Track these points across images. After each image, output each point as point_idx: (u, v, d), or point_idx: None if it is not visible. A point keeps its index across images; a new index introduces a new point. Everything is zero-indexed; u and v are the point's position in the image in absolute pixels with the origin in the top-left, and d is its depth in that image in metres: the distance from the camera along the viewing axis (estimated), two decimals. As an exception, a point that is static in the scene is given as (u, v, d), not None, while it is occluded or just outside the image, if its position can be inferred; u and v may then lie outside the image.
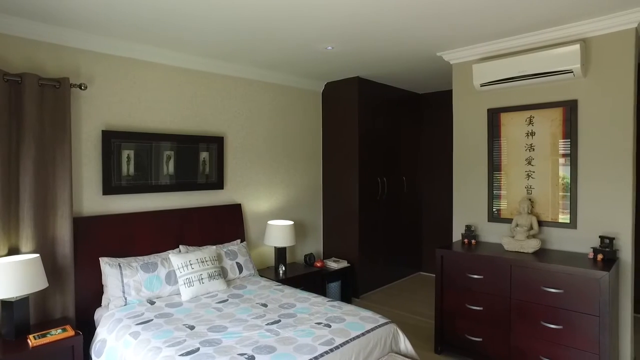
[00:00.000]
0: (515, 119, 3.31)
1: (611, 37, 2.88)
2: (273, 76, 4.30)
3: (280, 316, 2.60)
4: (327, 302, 2.88)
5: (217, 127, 3.89)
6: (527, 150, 3.27)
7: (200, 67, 3.71)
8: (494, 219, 3.45)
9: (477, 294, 3.05)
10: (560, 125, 3.11)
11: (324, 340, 2.23)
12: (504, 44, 3.28)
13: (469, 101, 3.59)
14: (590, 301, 2.58)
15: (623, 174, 2.87)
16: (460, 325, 3.15)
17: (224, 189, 3.91)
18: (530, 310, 2.81)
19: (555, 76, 2.99)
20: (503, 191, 3.41)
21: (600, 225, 2.96)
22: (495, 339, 2.97)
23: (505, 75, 3.16)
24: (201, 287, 3.03)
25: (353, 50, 3.53)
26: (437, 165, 5.48)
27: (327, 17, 2.78)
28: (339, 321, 2.50)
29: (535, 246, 3.01)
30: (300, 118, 4.68)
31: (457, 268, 3.16)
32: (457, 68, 3.64)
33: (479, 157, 3.54)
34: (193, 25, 2.88)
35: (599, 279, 2.54)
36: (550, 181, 3.16)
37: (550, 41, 3.09)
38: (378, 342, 2.37)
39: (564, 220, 3.11)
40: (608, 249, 2.81)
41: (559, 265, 2.70)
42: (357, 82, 4.51)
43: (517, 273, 2.86)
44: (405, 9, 2.65)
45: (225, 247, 3.55)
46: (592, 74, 2.97)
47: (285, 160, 4.52)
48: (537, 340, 2.78)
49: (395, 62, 3.92)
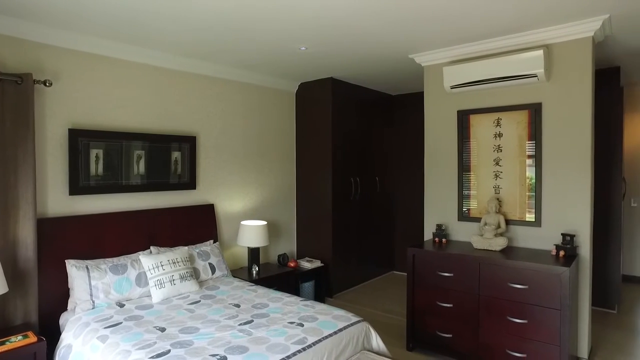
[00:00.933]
0: (484, 120, 3.41)
1: (571, 44, 3.02)
2: (247, 76, 4.28)
3: (253, 316, 2.60)
4: (300, 301, 2.88)
5: (190, 127, 3.84)
6: (495, 151, 3.37)
7: (173, 65, 3.65)
8: (463, 218, 3.54)
9: (448, 292, 3.13)
10: (526, 127, 3.23)
11: (297, 340, 2.24)
12: (473, 47, 3.38)
13: (440, 103, 3.67)
14: (553, 296, 2.69)
15: (582, 175, 3.01)
16: (431, 322, 3.22)
17: (196, 189, 3.86)
18: (497, 306, 2.90)
19: (520, 80, 3.10)
20: (472, 191, 3.50)
21: (562, 223, 3.09)
22: (465, 334, 3.05)
23: (474, 78, 3.25)
24: (173, 289, 2.98)
25: (327, 51, 3.56)
26: (409, 166, 5.58)
27: (300, 19, 2.79)
28: (312, 320, 2.52)
29: (503, 244, 3.11)
30: (274, 118, 4.68)
31: (428, 266, 3.23)
32: (428, 70, 3.72)
33: (450, 158, 3.63)
34: (164, 24, 2.83)
35: (560, 274, 2.65)
36: (517, 181, 3.28)
37: (517, 46, 3.20)
38: (350, 340, 2.40)
39: (529, 219, 3.23)
40: (569, 245, 2.93)
41: (524, 262, 2.80)
42: (330, 83, 4.54)
43: (485, 270, 2.95)
44: (377, 12, 2.69)
45: (197, 248, 3.51)
46: (554, 78, 3.10)
47: (259, 160, 4.50)
48: (504, 335, 2.87)
49: (368, 63, 3.98)
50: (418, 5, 2.59)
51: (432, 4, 2.58)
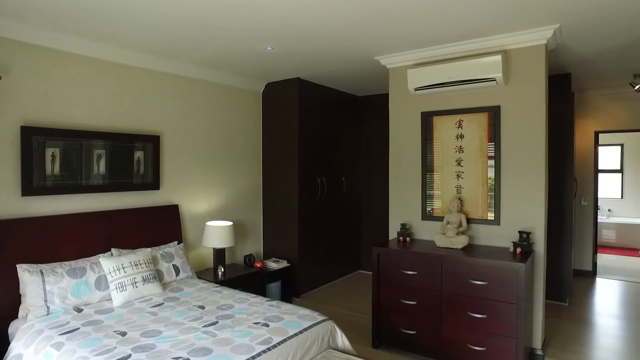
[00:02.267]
0: (447, 122, 3.52)
1: (526, 51, 3.16)
2: (213, 75, 4.22)
3: (217, 317, 2.56)
4: (266, 301, 2.88)
5: (153, 126, 3.74)
6: (457, 152, 3.48)
7: (135, 62, 3.55)
8: (427, 217, 3.63)
9: (411, 289, 3.20)
10: (485, 129, 3.35)
11: (262, 340, 2.23)
12: (436, 51, 3.47)
13: (404, 104, 3.75)
14: (510, 291, 2.80)
15: (537, 175, 3.16)
16: (395, 319, 3.28)
17: (160, 189, 3.77)
18: (458, 302, 3.00)
19: (481, 83, 3.22)
20: (436, 191, 3.60)
21: (520, 221, 3.23)
22: (428, 330, 3.13)
23: (437, 80, 3.35)
24: (135, 292, 2.90)
25: (293, 51, 3.56)
26: (375, 166, 5.66)
27: (265, 18, 2.78)
28: (277, 320, 2.51)
29: (464, 242, 3.21)
30: (240, 118, 4.63)
31: (392, 265, 3.29)
32: (393, 72, 3.80)
33: (414, 158, 3.72)
34: (123, 19, 2.75)
35: (517, 270, 2.77)
36: (478, 181, 3.40)
37: (477, 51, 3.32)
38: (316, 339, 2.41)
39: (489, 217, 3.35)
40: (525, 243, 3.07)
41: (484, 259, 2.90)
42: (297, 83, 4.55)
43: (448, 268, 3.04)
44: (342, 14, 2.72)
45: (161, 249, 3.43)
46: (512, 82, 3.24)
47: (225, 160, 4.45)
48: (465, 330, 2.97)
49: (334, 64, 4.01)
50: (382, 8, 2.64)
51: (396, 8, 2.63)
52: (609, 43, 3.38)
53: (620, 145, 8.03)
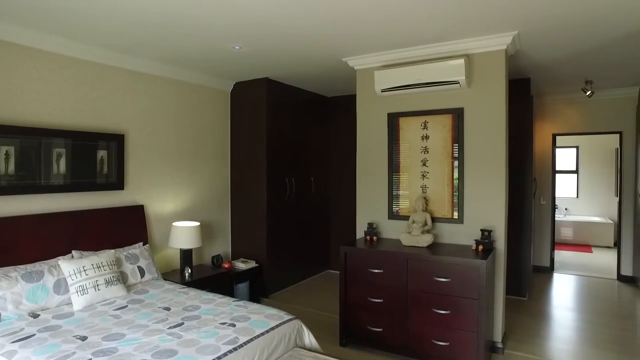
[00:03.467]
0: (412, 123, 3.60)
1: (488, 55, 3.28)
2: (180, 73, 4.15)
3: (183, 319, 2.53)
4: (233, 302, 2.86)
5: (118, 124, 3.65)
6: (422, 152, 3.57)
7: (98, 59, 3.45)
8: (393, 216, 3.71)
9: (378, 287, 3.26)
10: (450, 130, 3.45)
11: (228, 340, 2.22)
12: (402, 53, 3.55)
13: (371, 105, 3.82)
14: (472, 287, 2.90)
15: (498, 175, 3.28)
16: (362, 317, 3.33)
17: (124, 189, 3.67)
18: (423, 299, 3.08)
19: (445, 86, 3.31)
20: (402, 190, 3.68)
21: (482, 220, 3.34)
22: (394, 327, 3.20)
23: (403, 82, 3.42)
24: (97, 294, 2.82)
25: (261, 51, 3.56)
26: (344, 166, 5.71)
27: (233, 17, 2.77)
28: (244, 320, 2.51)
29: (429, 240, 3.30)
30: (208, 117, 4.58)
31: (359, 264, 3.34)
32: (361, 74, 3.85)
33: (380, 159, 3.78)
34: (84, 13, 2.67)
35: (479, 266, 2.87)
36: (442, 181, 3.49)
37: (441, 54, 3.41)
38: (282, 338, 2.42)
39: (453, 216, 3.45)
40: (487, 240, 3.19)
41: (447, 257, 2.99)
42: (265, 83, 4.54)
43: (413, 266, 3.11)
44: (309, 16, 2.75)
45: (125, 251, 3.34)
46: (474, 85, 3.35)
47: (192, 160, 4.39)
48: (430, 326, 3.05)
49: (302, 65, 4.03)
50: (349, 11, 2.68)
51: (363, 10, 2.68)
52: (563, 51, 3.55)
53: (575, 147, 8.44)
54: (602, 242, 7.65)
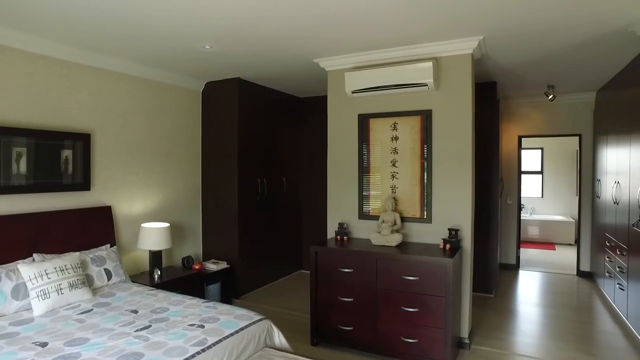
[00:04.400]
0: (382, 124, 3.66)
1: (455, 59, 3.37)
2: (149, 72, 4.08)
3: (151, 321, 2.49)
4: (202, 303, 2.84)
5: (84, 123, 3.55)
6: (392, 153, 3.63)
7: (64, 56, 3.35)
8: (364, 216, 3.76)
9: (348, 287, 3.29)
10: (418, 131, 3.53)
11: (196, 341, 2.20)
12: (373, 55, 3.60)
13: (342, 106, 3.86)
14: (439, 285, 2.97)
15: (465, 175, 3.37)
16: (333, 317, 3.36)
17: (91, 190, 3.58)
18: (393, 297, 3.13)
19: (414, 88, 3.38)
20: (372, 191, 3.73)
21: (449, 219, 3.43)
22: (364, 326, 3.24)
23: (373, 84, 3.47)
24: (60, 299, 2.73)
25: (232, 51, 3.54)
26: (315, 166, 5.73)
27: (203, 17, 2.74)
28: (213, 321, 2.49)
29: (398, 240, 3.36)
30: (179, 117, 4.51)
31: (330, 263, 3.37)
32: (332, 75, 3.89)
33: (351, 159, 3.83)
34: (49, 8, 2.59)
35: (446, 265, 2.94)
36: (411, 181, 3.56)
37: (411, 57, 3.48)
38: (252, 339, 2.42)
39: (422, 216, 3.53)
40: (454, 239, 3.27)
41: (416, 256, 3.06)
42: (237, 83, 4.52)
43: (382, 265, 3.16)
44: (280, 17, 2.75)
45: (91, 253, 3.26)
46: (442, 88, 3.43)
47: (162, 160, 4.31)
48: (399, 324, 3.11)
49: (274, 65, 4.03)
50: (320, 13, 2.70)
51: (333, 13, 2.71)
52: (526, 56, 3.69)
53: (540, 149, 8.76)
54: (565, 240, 7.97)
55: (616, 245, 4.14)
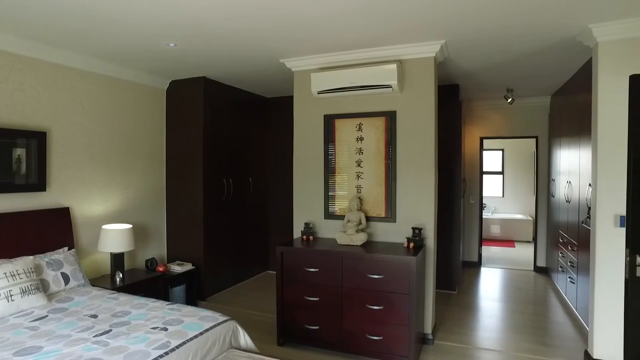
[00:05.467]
0: (348, 125, 3.70)
1: (418, 62, 3.46)
2: (110, 69, 3.95)
3: (111, 325, 2.42)
4: (166, 305, 2.78)
5: (39, 121, 3.40)
6: (357, 153, 3.68)
7: (16, 49, 3.19)
8: (329, 216, 3.79)
9: (314, 286, 3.31)
10: (383, 132, 3.59)
11: (159, 344, 2.16)
12: (338, 57, 3.63)
13: (308, 107, 3.87)
14: (403, 282, 3.04)
15: (428, 175, 3.46)
16: (299, 316, 3.37)
17: (47, 190, 3.43)
18: (358, 296, 3.17)
19: (378, 89, 3.44)
20: (338, 191, 3.77)
21: (413, 218, 3.51)
22: (330, 325, 3.27)
23: (339, 85, 3.50)
24: (10, 306, 2.60)
25: (197, 49, 3.49)
26: (282, 167, 5.72)
27: (166, 14, 2.69)
28: (177, 323, 2.45)
29: (363, 239, 3.41)
30: (142, 116, 4.40)
31: (296, 263, 3.38)
32: (298, 75, 3.90)
33: (317, 160, 3.85)
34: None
35: (409, 263, 3.01)
36: (376, 181, 3.62)
37: (376, 59, 3.54)
38: (217, 340, 2.40)
39: (387, 215, 3.59)
40: (417, 237, 3.35)
41: (380, 255, 3.11)
42: (203, 82, 4.46)
43: (347, 264, 3.20)
44: (246, 17, 2.74)
45: (47, 257, 3.12)
46: (406, 89, 3.51)
47: (124, 159, 4.19)
48: (364, 322, 3.15)
49: (240, 65, 4.00)
50: (285, 13, 2.71)
51: (298, 14, 2.72)
52: (486, 61, 3.83)
53: (501, 150, 9.10)
54: (524, 238, 8.31)
55: (568, 242, 4.36)
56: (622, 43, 2.91)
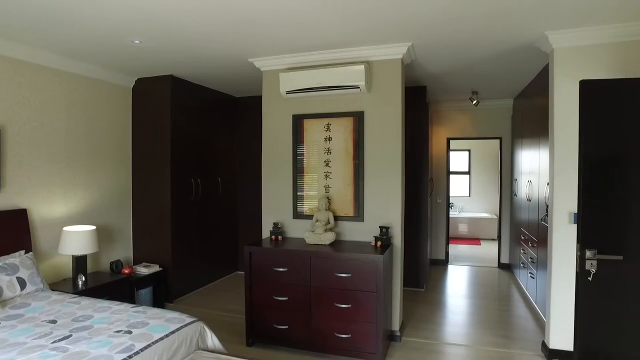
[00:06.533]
0: (316, 125, 3.72)
1: (386, 63, 3.52)
2: (72, 65, 3.82)
3: (72, 331, 2.34)
4: (131, 308, 2.72)
5: (-7, 118, 3.26)
6: (325, 153, 3.71)
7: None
8: (298, 215, 3.80)
9: (283, 286, 3.31)
10: (351, 132, 3.63)
11: (123, 348, 2.11)
12: (307, 57, 3.65)
13: (277, 107, 3.87)
14: (370, 281, 3.08)
15: (395, 175, 3.53)
16: (268, 316, 3.36)
17: (1, 191, 3.29)
18: (326, 294, 3.19)
19: (346, 90, 3.48)
20: (306, 190, 3.78)
21: (381, 217, 3.57)
22: (299, 324, 3.28)
23: (307, 85, 3.52)
24: (-38, 312, 2.48)
25: (164, 47, 3.43)
26: (252, 167, 5.67)
27: (130, 10, 2.63)
28: (142, 326, 2.40)
29: (332, 238, 3.44)
30: (106, 114, 4.27)
31: (264, 263, 3.37)
32: (267, 75, 3.89)
33: (285, 159, 3.85)
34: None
35: (376, 261, 3.06)
36: (345, 181, 3.66)
37: (344, 60, 3.57)
38: (183, 342, 2.37)
39: (355, 214, 3.64)
40: (385, 236, 3.41)
41: (348, 254, 3.15)
42: (170, 81, 4.38)
43: (316, 263, 3.22)
44: (213, 15, 2.71)
45: (1, 261, 2.99)
46: (374, 90, 3.56)
47: (88, 159, 4.06)
48: (333, 320, 3.18)
49: (209, 64, 3.95)
50: (252, 12, 2.70)
51: (265, 13, 2.71)
52: (452, 63, 3.94)
53: (467, 150, 9.35)
54: (489, 236, 8.58)
55: (529, 239, 4.54)
56: (575, 50, 3.07)
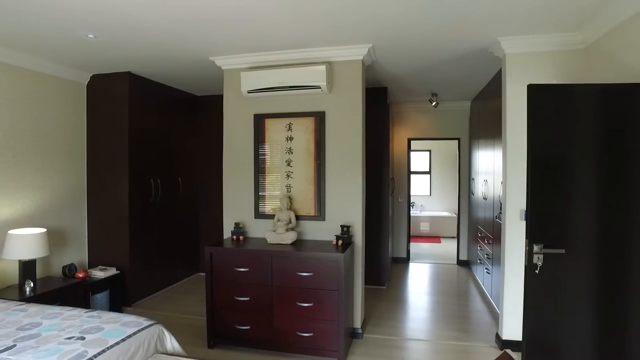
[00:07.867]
0: (277, 125, 3.72)
1: (347, 64, 3.56)
2: (18, 58, 3.62)
3: (16, 340, 2.22)
4: (85, 313, 2.62)
5: None
6: (287, 153, 3.72)
7: None
8: (260, 215, 3.78)
9: (244, 286, 3.29)
10: (312, 132, 3.65)
11: (74, 355, 2.03)
12: (268, 56, 3.64)
13: (238, 106, 3.84)
14: (332, 279, 3.11)
15: (355, 175, 3.58)
16: (230, 317, 3.33)
17: (-59, 193, 3.08)
18: (288, 294, 3.20)
19: (308, 90, 3.50)
20: (268, 190, 3.77)
21: (341, 216, 3.61)
22: (261, 324, 3.26)
23: (269, 84, 3.51)
24: None
25: (120, 42, 3.32)
26: (213, 166, 5.58)
27: (81, 1, 2.53)
28: (96, 331, 2.32)
29: (293, 238, 3.45)
30: (57, 111, 4.09)
31: (225, 263, 3.34)
32: (228, 74, 3.85)
33: (247, 159, 3.83)
34: None
35: (337, 259, 3.09)
36: (306, 181, 3.68)
37: (305, 60, 3.59)
38: (141, 346, 2.31)
39: (316, 214, 3.66)
40: (346, 235, 3.45)
41: (309, 252, 3.17)
42: (128, 78, 4.24)
43: (277, 262, 3.22)
44: (170, 10, 2.66)
45: (-60, 267, 2.81)
46: (335, 91, 3.60)
47: (37, 158, 3.87)
48: (294, 319, 3.19)
49: (168, 61, 3.87)
50: (211, 9, 2.67)
51: (225, 11, 2.69)
52: (411, 65, 4.04)
53: (428, 151, 9.61)
54: (449, 234, 8.85)
55: (485, 236, 4.73)
56: (525, 56, 3.24)
